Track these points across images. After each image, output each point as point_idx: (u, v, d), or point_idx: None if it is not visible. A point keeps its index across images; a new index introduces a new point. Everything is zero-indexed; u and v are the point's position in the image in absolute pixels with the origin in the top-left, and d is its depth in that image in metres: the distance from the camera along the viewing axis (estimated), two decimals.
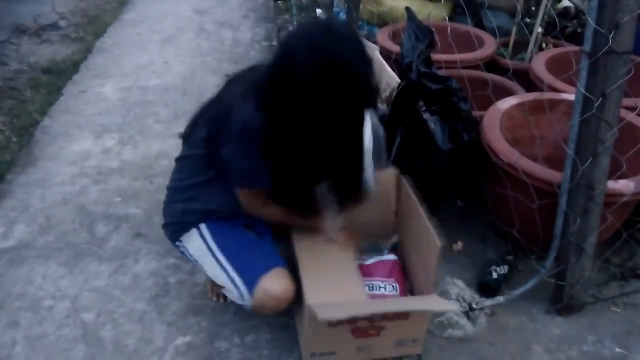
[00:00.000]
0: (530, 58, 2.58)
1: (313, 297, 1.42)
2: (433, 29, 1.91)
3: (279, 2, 4.51)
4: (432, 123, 1.83)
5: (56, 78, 3.23)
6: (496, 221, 2.05)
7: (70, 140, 2.63)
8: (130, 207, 2.19)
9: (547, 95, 2.06)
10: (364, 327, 1.48)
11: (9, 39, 3.74)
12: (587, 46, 1.43)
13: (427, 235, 1.47)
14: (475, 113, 2.07)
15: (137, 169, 2.44)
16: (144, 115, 2.87)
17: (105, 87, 3.16)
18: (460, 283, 1.80)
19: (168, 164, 2.46)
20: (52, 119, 2.81)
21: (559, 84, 2.17)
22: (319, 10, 3.63)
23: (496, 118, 1.94)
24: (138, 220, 2.12)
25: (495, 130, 1.88)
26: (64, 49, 3.66)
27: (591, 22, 1.39)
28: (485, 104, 2.07)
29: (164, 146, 2.60)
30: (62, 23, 4.07)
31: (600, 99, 1.44)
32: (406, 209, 1.63)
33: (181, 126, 2.72)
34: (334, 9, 3.48)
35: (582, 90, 1.47)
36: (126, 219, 2.12)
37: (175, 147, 2.58)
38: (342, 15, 3.11)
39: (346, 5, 3.18)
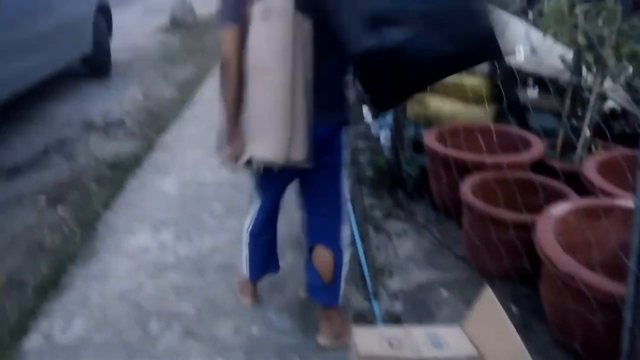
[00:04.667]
0: (581, 160, 2.58)
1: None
2: None
3: None
4: None
5: (120, 172, 3.44)
6: (555, 331, 1.97)
7: (130, 234, 2.76)
8: (183, 303, 2.24)
9: (602, 201, 2.05)
10: None
11: (79, 136, 4.07)
12: None
13: (518, 354, 1.45)
14: (525, 217, 2.07)
15: (191, 264, 2.51)
16: (199, 209, 3.00)
17: (165, 181, 3.34)
18: None
19: (221, 259, 2.53)
20: (114, 212, 2.97)
21: (611, 188, 2.15)
22: (365, 110, 3.78)
23: (550, 224, 1.93)
24: (189, 318, 2.16)
25: (549, 236, 1.86)
26: (128, 144, 3.93)
27: None
28: (534, 206, 2.07)
29: (217, 241, 2.69)
30: (128, 120, 4.41)
31: None
32: (490, 320, 1.60)
33: (234, 221, 2.85)
34: None
35: None
36: (178, 317, 2.16)
37: (228, 242, 2.67)
38: (389, 117, 3.23)
39: None
